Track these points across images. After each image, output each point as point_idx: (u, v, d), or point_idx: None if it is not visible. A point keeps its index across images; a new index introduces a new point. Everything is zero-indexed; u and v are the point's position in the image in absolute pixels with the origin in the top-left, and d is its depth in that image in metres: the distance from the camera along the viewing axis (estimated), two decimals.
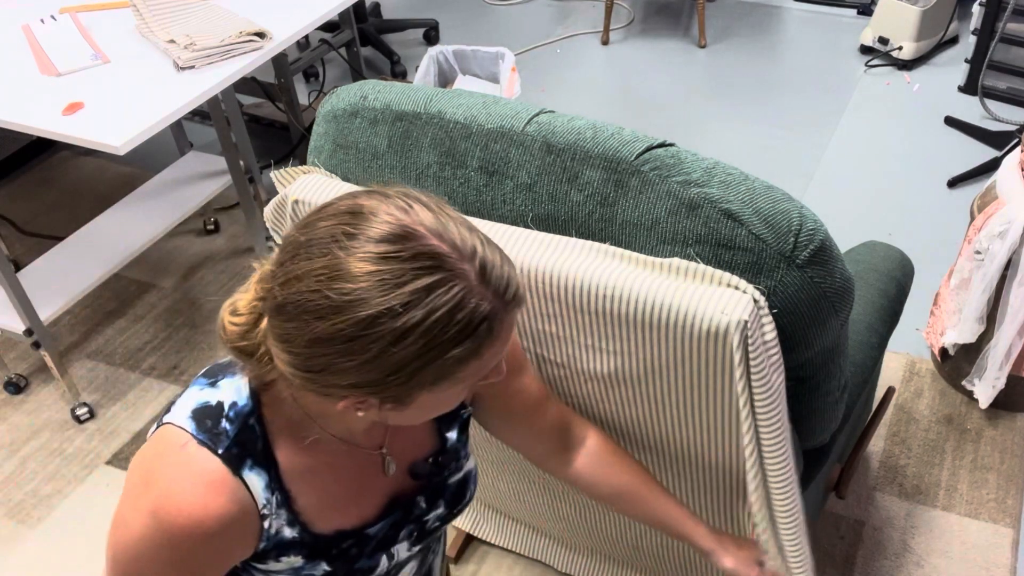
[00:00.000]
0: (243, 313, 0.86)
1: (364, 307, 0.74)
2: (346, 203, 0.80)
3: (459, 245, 0.78)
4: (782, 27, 3.94)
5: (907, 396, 2.27)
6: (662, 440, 1.33)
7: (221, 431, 0.88)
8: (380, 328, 0.74)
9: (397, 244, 0.75)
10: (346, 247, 0.76)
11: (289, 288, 0.77)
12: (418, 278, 0.75)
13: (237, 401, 0.89)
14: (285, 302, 0.78)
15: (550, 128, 1.20)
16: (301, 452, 0.92)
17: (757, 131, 3.29)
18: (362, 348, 0.75)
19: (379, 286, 0.74)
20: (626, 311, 1.14)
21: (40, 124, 1.92)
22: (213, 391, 0.90)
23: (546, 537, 1.88)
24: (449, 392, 0.83)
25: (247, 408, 0.89)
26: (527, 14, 4.18)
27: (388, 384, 0.78)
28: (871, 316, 1.66)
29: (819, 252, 1.12)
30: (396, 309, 0.74)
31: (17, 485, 2.26)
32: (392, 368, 0.77)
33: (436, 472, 1.06)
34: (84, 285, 2.38)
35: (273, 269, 0.81)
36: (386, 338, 0.75)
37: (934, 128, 3.21)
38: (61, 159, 3.42)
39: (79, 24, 2.25)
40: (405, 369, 0.77)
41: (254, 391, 0.90)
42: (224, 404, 0.89)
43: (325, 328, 0.75)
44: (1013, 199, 1.93)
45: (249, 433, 0.89)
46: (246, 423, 0.89)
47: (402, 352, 0.76)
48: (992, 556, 1.92)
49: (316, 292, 0.75)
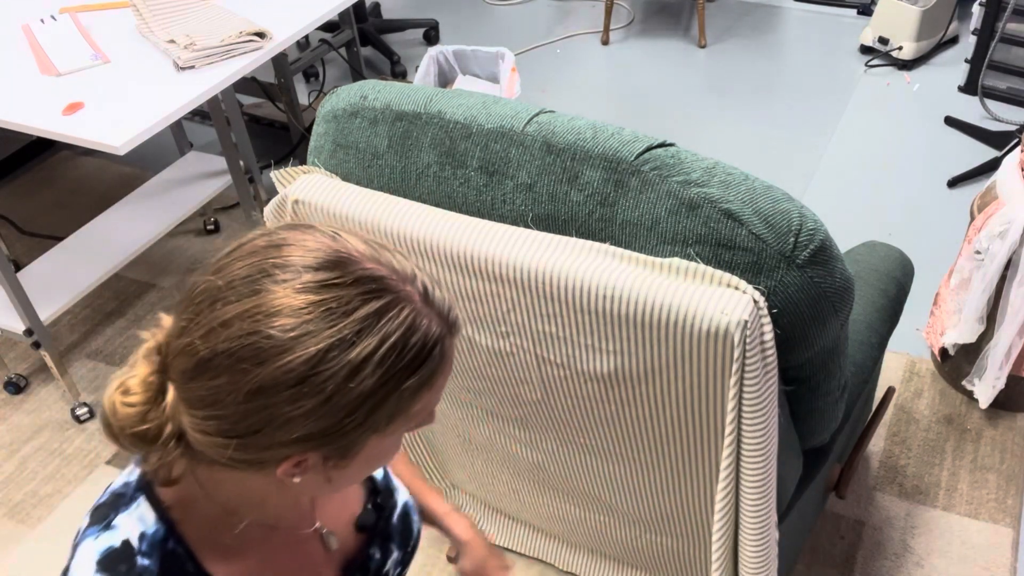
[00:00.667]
0: (137, 392, 0.73)
1: (313, 341, 0.66)
2: (262, 239, 0.72)
3: (397, 268, 0.72)
4: (782, 27, 3.94)
5: (907, 396, 2.27)
6: (662, 439, 1.33)
7: (140, 571, 0.76)
8: (332, 363, 0.67)
9: (335, 271, 0.69)
10: (279, 280, 0.68)
11: (215, 338, 0.68)
12: (366, 303, 0.68)
13: (145, 531, 0.77)
14: (212, 355, 0.68)
15: (550, 128, 1.20)
16: (234, 557, 0.81)
17: (757, 131, 3.29)
18: (313, 389, 0.67)
19: (325, 316, 0.67)
20: (626, 311, 1.14)
21: (40, 124, 1.92)
22: (111, 533, 0.77)
23: (546, 536, 1.88)
24: (396, 436, 0.76)
25: (160, 533, 0.78)
26: (527, 14, 4.17)
27: (343, 429, 0.70)
28: (871, 316, 1.66)
29: (819, 252, 1.12)
30: (349, 339, 0.67)
31: (17, 485, 2.26)
32: (348, 408, 0.69)
33: (380, 516, 0.99)
34: (84, 285, 2.38)
35: (183, 326, 0.71)
36: (340, 373, 0.67)
37: (934, 128, 3.21)
38: (61, 159, 3.42)
39: (79, 24, 2.25)
40: (362, 408, 0.69)
41: (160, 509, 0.78)
42: (131, 540, 0.77)
43: (268, 373, 0.67)
44: (1013, 199, 1.93)
45: (173, 560, 0.77)
46: (165, 550, 0.77)
47: (359, 387, 0.68)
48: (992, 556, 1.92)
49: (253, 334, 0.67)
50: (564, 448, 1.49)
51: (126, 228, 2.56)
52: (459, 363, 1.44)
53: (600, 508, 1.61)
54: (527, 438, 1.53)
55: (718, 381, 1.17)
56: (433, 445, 1.82)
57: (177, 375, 0.71)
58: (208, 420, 0.70)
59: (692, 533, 1.52)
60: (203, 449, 0.73)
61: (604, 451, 1.44)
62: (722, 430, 1.25)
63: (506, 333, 1.30)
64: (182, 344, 0.70)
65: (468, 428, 1.62)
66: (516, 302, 1.24)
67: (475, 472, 1.78)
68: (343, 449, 0.72)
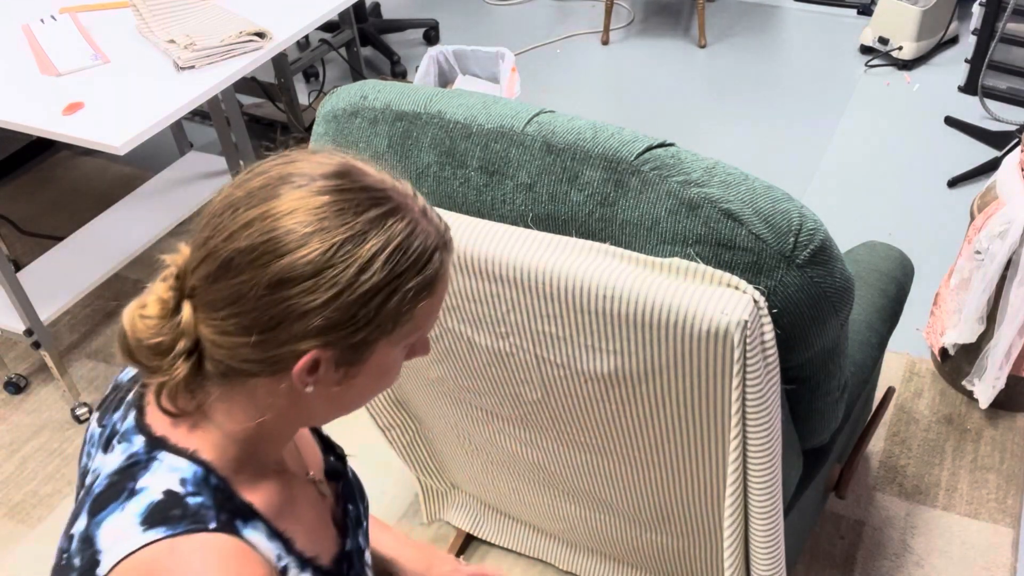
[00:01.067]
0: (153, 307, 0.79)
1: (327, 235, 0.73)
2: (275, 159, 0.79)
3: (398, 186, 0.79)
4: (782, 27, 3.94)
5: (907, 396, 2.27)
6: (662, 439, 1.33)
7: (195, 508, 0.76)
8: (345, 257, 0.73)
9: (345, 178, 0.76)
10: (295, 185, 0.75)
11: (236, 238, 0.74)
12: (374, 206, 0.75)
13: (183, 476, 0.78)
14: (234, 254, 0.73)
15: (550, 128, 1.20)
16: (266, 491, 0.84)
17: (757, 131, 3.29)
18: (328, 281, 0.73)
19: (338, 214, 0.74)
20: (626, 311, 1.14)
21: (40, 124, 1.92)
22: (141, 495, 0.77)
23: (546, 536, 1.88)
24: (400, 352, 0.81)
25: (199, 472, 0.79)
26: (527, 14, 4.17)
27: (355, 323, 0.75)
28: (871, 316, 1.66)
29: (819, 252, 1.12)
30: (359, 235, 0.73)
31: (17, 485, 2.26)
32: (359, 302, 0.74)
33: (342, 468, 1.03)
34: (84, 285, 2.38)
35: (205, 236, 0.76)
36: (352, 267, 0.73)
37: (934, 128, 3.21)
38: (61, 159, 3.42)
39: (79, 24, 2.25)
40: (371, 302, 0.74)
41: (187, 454, 0.79)
42: (172, 488, 0.77)
43: (287, 266, 0.72)
44: (1013, 199, 1.93)
45: (220, 493, 0.78)
46: (209, 484, 0.78)
47: (368, 282, 0.74)
48: (992, 556, 1.92)
49: (273, 230, 0.73)
50: (564, 448, 1.49)
51: (126, 228, 2.56)
52: (459, 363, 1.44)
53: (601, 508, 1.61)
54: (527, 438, 1.53)
55: (718, 381, 1.17)
56: (433, 445, 1.82)
57: (199, 282, 0.76)
58: (229, 319, 0.74)
59: (692, 532, 1.52)
60: (221, 357, 0.76)
61: (604, 450, 1.44)
62: (723, 430, 1.25)
63: (506, 333, 1.30)
64: (204, 252, 0.76)
65: (468, 428, 1.62)
66: (516, 302, 1.24)
67: (475, 472, 1.78)
68: (354, 351, 0.77)
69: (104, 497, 0.78)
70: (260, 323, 0.74)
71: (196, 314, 0.77)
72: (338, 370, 0.78)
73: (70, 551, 0.78)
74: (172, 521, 0.75)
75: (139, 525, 0.75)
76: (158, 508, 0.75)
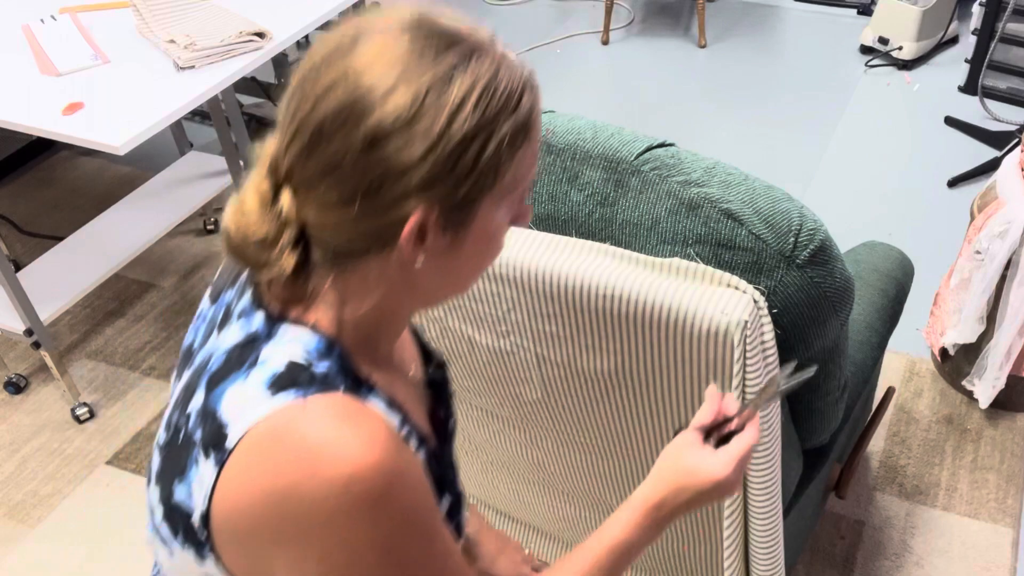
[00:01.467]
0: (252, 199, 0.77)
1: (411, 85, 0.70)
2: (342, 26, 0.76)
3: (475, 27, 0.76)
4: (782, 27, 3.94)
5: (907, 396, 2.27)
6: (662, 439, 1.33)
7: (323, 374, 0.76)
8: (433, 103, 0.71)
9: (421, 28, 0.73)
10: (371, 39, 0.72)
11: (322, 105, 0.72)
12: (453, 48, 0.72)
13: (307, 346, 0.77)
14: (323, 121, 0.72)
15: (550, 128, 1.20)
16: (380, 376, 0.83)
17: (757, 131, 3.29)
18: (421, 133, 0.70)
19: (420, 59, 0.71)
20: (626, 311, 1.14)
21: (40, 124, 1.92)
22: (264, 365, 0.76)
23: (546, 537, 1.88)
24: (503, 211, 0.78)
25: (323, 342, 0.78)
26: (527, 14, 4.17)
27: (456, 176, 0.72)
28: (871, 316, 1.66)
29: (819, 252, 1.12)
30: (443, 79, 0.71)
31: (17, 485, 2.26)
32: (456, 152, 0.72)
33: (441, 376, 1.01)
34: (84, 285, 2.38)
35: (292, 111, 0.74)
36: (442, 114, 0.71)
37: (934, 128, 3.21)
38: (61, 159, 3.42)
39: (79, 24, 2.25)
40: (468, 152, 0.72)
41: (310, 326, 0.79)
42: (296, 357, 0.76)
43: (376, 122, 0.70)
44: (1013, 199, 1.93)
45: (345, 362, 0.78)
46: (332, 354, 0.77)
47: (462, 129, 0.71)
48: (992, 556, 1.92)
49: (356, 88, 0.71)
50: (564, 447, 1.49)
51: (126, 228, 2.56)
52: (460, 362, 1.44)
53: (601, 508, 1.61)
54: (527, 438, 1.53)
55: (718, 381, 1.17)
56: None
57: (294, 160, 0.74)
58: (330, 192, 0.73)
59: (692, 532, 1.52)
60: (328, 238, 0.75)
61: (604, 450, 1.44)
62: None
63: (506, 332, 1.30)
64: (293, 128, 0.73)
65: (468, 428, 1.62)
66: (516, 301, 1.24)
67: (475, 472, 1.78)
68: (459, 211, 0.74)
69: (223, 370, 0.78)
70: (361, 188, 0.72)
71: (296, 197, 0.75)
72: (445, 234, 0.76)
73: (187, 428, 0.78)
74: (302, 384, 0.74)
75: (267, 390, 0.74)
76: (285, 374, 0.75)
